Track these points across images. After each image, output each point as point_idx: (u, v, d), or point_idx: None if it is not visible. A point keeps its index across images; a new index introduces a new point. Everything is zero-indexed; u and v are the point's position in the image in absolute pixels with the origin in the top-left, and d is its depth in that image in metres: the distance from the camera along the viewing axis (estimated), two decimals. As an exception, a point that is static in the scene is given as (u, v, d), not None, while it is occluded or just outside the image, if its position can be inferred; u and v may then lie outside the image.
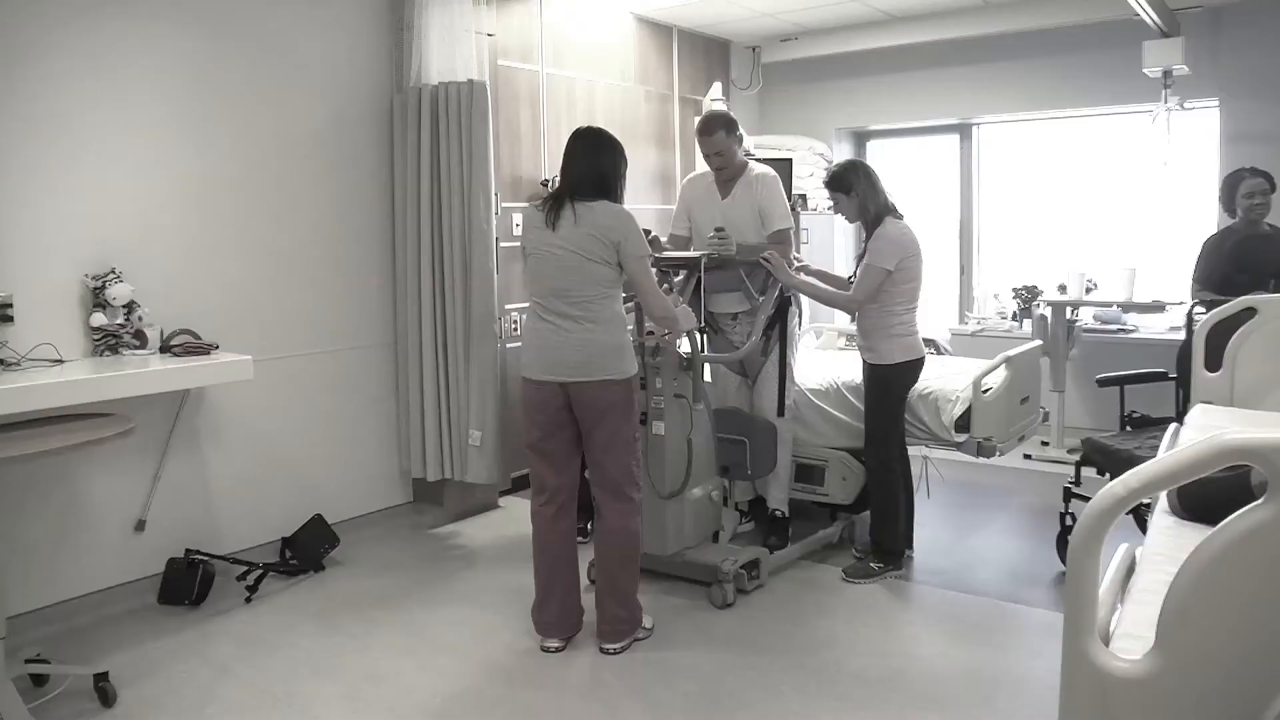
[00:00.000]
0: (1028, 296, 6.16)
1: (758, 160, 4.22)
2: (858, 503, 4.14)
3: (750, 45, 6.78)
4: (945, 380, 4.12)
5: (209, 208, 3.93)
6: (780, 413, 4.02)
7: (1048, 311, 5.78)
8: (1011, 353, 4.05)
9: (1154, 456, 3.37)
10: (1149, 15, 4.93)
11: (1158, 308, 5.58)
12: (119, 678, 3.04)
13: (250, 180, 4.07)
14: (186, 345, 3.63)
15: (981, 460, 4.10)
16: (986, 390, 3.92)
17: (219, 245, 3.96)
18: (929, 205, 6.87)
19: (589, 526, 3.86)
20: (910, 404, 4.06)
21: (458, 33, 4.43)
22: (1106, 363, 5.10)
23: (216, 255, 3.96)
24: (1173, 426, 3.10)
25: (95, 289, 3.51)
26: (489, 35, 4.64)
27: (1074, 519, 3.92)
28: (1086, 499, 3.81)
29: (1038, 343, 4.69)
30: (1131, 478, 1.44)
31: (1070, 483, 4.05)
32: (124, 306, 3.55)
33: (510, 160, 5.06)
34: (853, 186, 3.77)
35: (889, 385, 3.84)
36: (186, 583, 3.69)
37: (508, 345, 4.84)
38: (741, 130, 4.03)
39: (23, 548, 3.39)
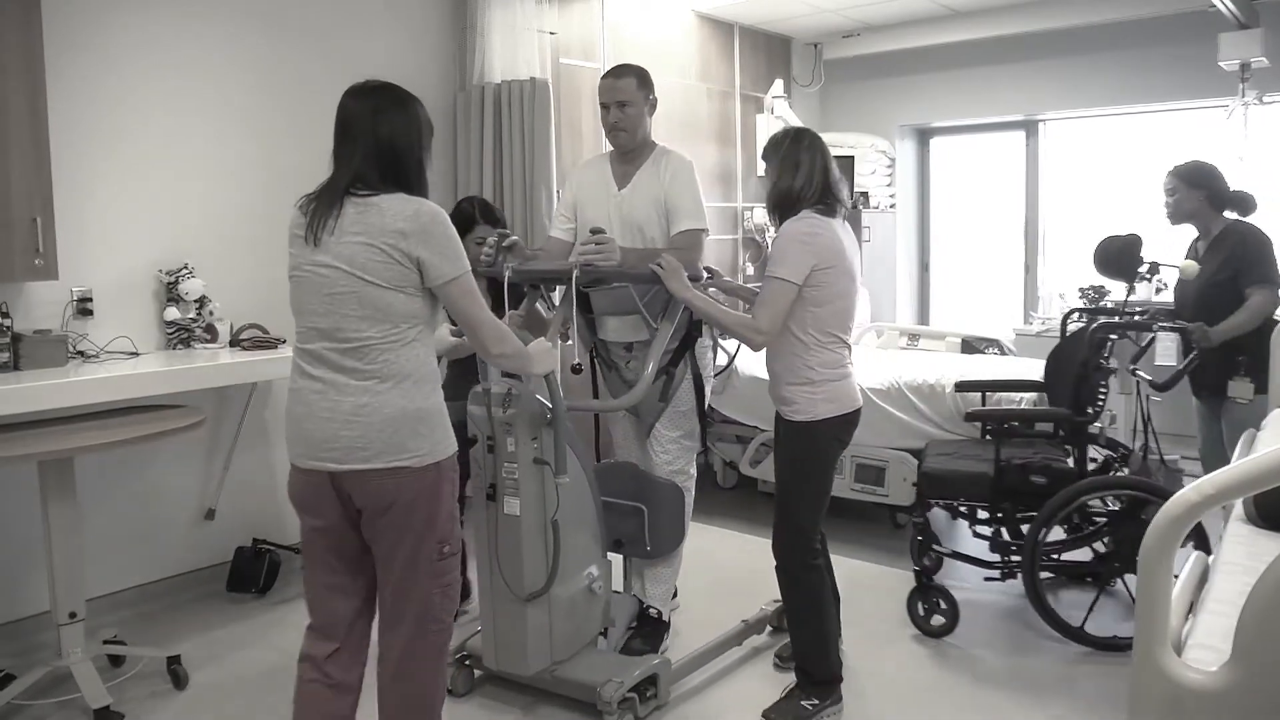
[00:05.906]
0: (1094, 297, 6.02)
1: None
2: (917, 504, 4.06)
3: (812, 42, 6.72)
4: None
5: (276, 204, 3.97)
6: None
7: (1116, 312, 5.64)
8: (1078, 354, 3.95)
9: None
10: (1226, 6, 4.79)
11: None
12: (190, 661, 3.13)
13: (316, 178, 4.05)
14: (255, 339, 3.72)
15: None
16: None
17: (286, 241, 4.04)
18: (993, 203, 6.76)
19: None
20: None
21: (520, 31, 4.48)
22: (1177, 365, 4.95)
23: (284, 251, 4.02)
24: (1248, 432, 3.00)
25: (169, 284, 3.62)
26: (551, 33, 4.67)
27: (930, 566, 3.36)
28: (944, 553, 3.40)
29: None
30: (1207, 483, 1.40)
31: (916, 519, 3.39)
32: (196, 301, 3.66)
33: (572, 157, 5.08)
34: (770, 155, 2.72)
35: (808, 451, 2.71)
36: (253, 571, 3.79)
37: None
38: (656, 95, 3.11)
39: (101, 533, 3.51)
